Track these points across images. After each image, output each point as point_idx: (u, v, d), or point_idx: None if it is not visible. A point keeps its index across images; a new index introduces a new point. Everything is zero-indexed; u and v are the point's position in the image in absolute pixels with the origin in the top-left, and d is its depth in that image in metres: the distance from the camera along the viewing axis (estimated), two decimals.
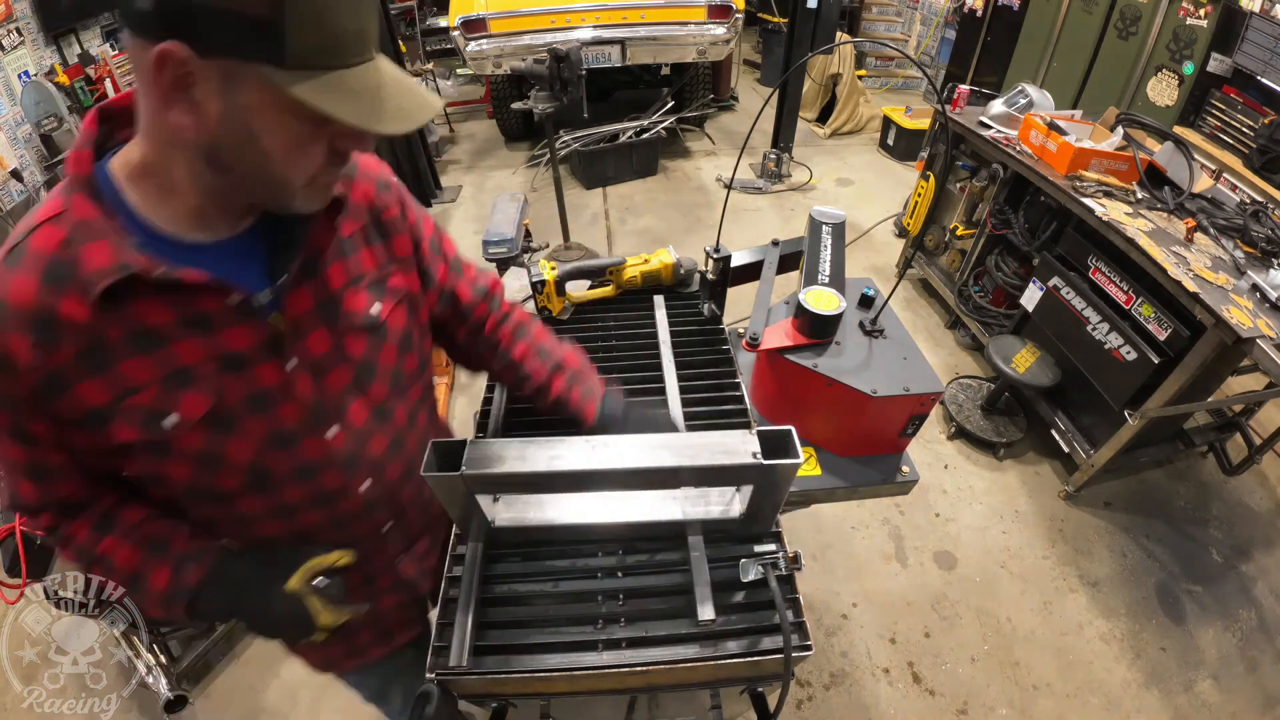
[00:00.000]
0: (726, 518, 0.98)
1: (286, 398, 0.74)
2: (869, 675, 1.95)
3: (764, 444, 0.81)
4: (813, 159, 4.93)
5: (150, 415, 0.66)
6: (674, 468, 0.81)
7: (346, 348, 0.79)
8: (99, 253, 0.60)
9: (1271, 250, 2.03)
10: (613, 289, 1.52)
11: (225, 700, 1.91)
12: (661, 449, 0.82)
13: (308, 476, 0.80)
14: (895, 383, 1.15)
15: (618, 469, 0.82)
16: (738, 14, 4.36)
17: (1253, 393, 2.21)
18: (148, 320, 0.64)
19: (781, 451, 0.80)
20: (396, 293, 0.85)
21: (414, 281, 0.89)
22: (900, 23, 6.62)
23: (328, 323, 0.76)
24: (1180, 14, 3.38)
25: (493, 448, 0.82)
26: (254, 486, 0.77)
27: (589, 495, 1.00)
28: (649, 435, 0.86)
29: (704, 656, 0.87)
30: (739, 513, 0.97)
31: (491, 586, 0.96)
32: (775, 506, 0.94)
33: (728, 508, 0.98)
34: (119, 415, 0.65)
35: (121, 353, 0.64)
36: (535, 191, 4.67)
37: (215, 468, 0.73)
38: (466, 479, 0.79)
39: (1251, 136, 3.14)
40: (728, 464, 0.81)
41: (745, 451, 0.80)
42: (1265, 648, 2.03)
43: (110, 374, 0.64)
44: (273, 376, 0.72)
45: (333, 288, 0.76)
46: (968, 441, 2.69)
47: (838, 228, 1.42)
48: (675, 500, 0.99)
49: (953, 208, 3.22)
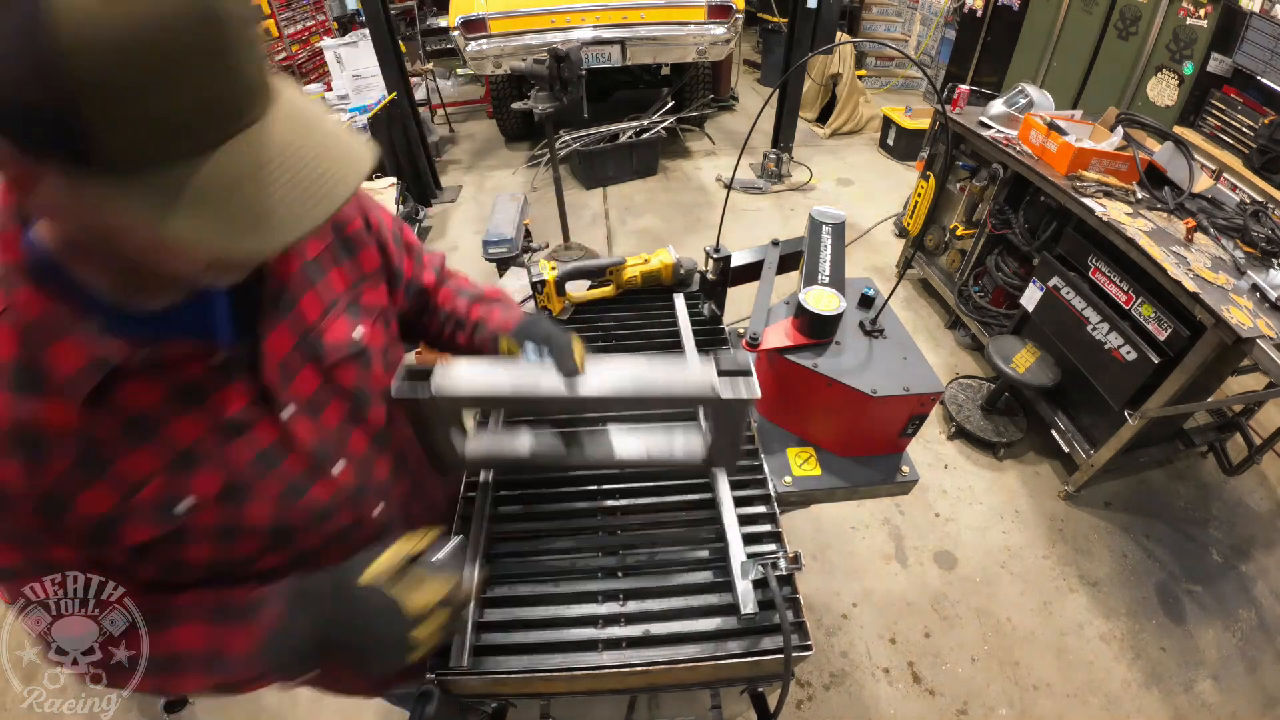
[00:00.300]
0: (690, 457, 1.01)
1: (289, 449, 0.68)
2: (869, 675, 1.95)
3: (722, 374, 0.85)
4: (813, 159, 4.94)
5: (163, 504, 0.59)
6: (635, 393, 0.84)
7: (337, 379, 0.73)
8: (69, 352, 0.51)
9: (1271, 250, 2.03)
10: (613, 289, 1.52)
11: (225, 700, 1.91)
12: (626, 378, 0.85)
13: (324, 519, 0.75)
14: (895, 383, 1.15)
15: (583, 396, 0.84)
16: (738, 14, 4.36)
17: (1253, 393, 2.21)
18: (138, 406, 0.56)
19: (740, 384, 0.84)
20: (372, 310, 0.79)
21: (384, 295, 0.84)
22: (900, 23, 6.62)
23: (313, 359, 0.70)
24: (1180, 14, 3.38)
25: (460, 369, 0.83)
26: (274, 545, 0.71)
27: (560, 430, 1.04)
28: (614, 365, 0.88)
29: (704, 656, 0.87)
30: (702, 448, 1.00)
31: (492, 586, 0.96)
32: (737, 443, 0.98)
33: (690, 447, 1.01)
34: (129, 517, 0.58)
35: (117, 450, 0.56)
36: (535, 191, 4.67)
37: (236, 538, 0.67)
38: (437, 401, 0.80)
39: (1251, 136, 3.14)
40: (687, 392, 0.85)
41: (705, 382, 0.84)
42: (1265, 648, 2.03)
43: (110, 476, 0.56)
44: (271, 432, 0.66)
45: (310, 320, 0.69)
46: (968, 441, 2.69)
47: (838, 228, 1.42)
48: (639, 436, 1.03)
49: (953, 208, 3.22)
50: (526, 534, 1.04)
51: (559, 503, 1.09)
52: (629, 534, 1.04)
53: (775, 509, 1.08)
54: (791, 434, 1.31)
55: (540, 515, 1.07)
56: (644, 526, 1.05)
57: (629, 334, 1.43)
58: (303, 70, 5.76)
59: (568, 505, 1.08)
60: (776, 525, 1.05)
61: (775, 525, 1.05)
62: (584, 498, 1.09)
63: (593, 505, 1.08)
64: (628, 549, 1.01)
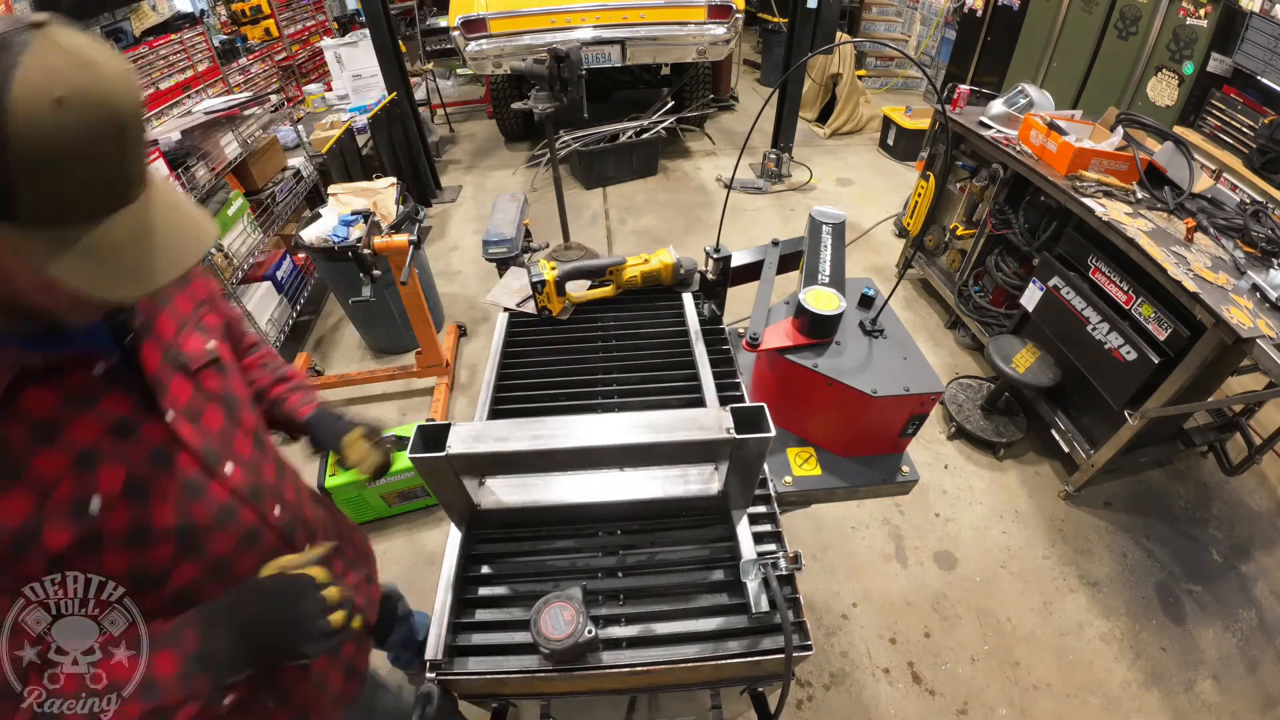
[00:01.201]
0: (705, 495, 1.01)
1: (179, 448, 0.75)
2: (869, 675, 1.95)
3: (737, 420, 0.84)
4: (813, 159, 4.94)
5: (75, 507, 0.64)
6: (652, 443, 0.84)
7: (205, 385, 0.82)
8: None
9: (1271, 250, 2.03)
10: (613, 289, 1.52)
11: None
12: (641, 426, 0.86)
13: (227, 519, 0.80)
14: (895, 383, 1.15)
15: (598, 445, 0.85)
16: (738, 14, 4.36)
17: (1253, 393, 2.21)
18: (41, 411, 0.63)
19: (754, 427, 0.82)
20: (215, 329, 0.90)
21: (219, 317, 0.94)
22: (900, 23, 6.62)
23: (180, 369, 0.79)
24: (1180, 14, 3.38)
25: (476, 429, 0.85)
26: (186, 550, 0.75)
27: (573, 476, 1.04)
28: (630, 414, 0.90)
29: (704, 656, 0.87)
30: (717, 490, 1.00)
31: (492, 586, 0.96)
32: (751, 483, 0.97)
33: (706, 486, 1.02)
34: (47, 521, 0.62)
35: (29, 453, 0.62)
36: (535, 191, 4.67)
37: (147, 542, 0.71)
38: (451, 459, 0.82)
39: (1251, 136, 3.14)
40: (702, 439, 0.84)
41: (719, 427, 0.83)
42: (1265, 648, 2.03)
43: (26, 478, 0.62)
44: (159, 433, 0.73)
45: (167, 337, 0.79)
46: (968, 441, 2.69)
47: (838, 228, 1.42)
48: (657, 480, 1.03)
49: (953, 208, 3.22)
50: (526, 534, 1.04)
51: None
52: (629, 534, 1.04)
53: (775, 509, 1.08)
54: (791, 434, 1.31)
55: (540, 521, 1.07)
56: (644, 529, 1.05)
57: (629, 334, 1.43)
58: (303, 70, 5.76)
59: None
60: (776, 525, 1.05)
61: (775, 525, 1.05)
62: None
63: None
64: (628, 549, 1.01)
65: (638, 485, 1.03)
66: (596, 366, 1.34)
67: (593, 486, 1.03)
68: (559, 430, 0.86)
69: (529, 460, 0.90)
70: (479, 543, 1.03)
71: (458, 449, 0.82)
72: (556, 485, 1.04)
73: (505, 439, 0.85)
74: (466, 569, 0.99)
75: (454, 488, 0.91)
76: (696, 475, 1.04)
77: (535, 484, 1.04)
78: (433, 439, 0.82)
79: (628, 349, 1.39)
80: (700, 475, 1.04)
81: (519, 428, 0.87)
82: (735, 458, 0.87)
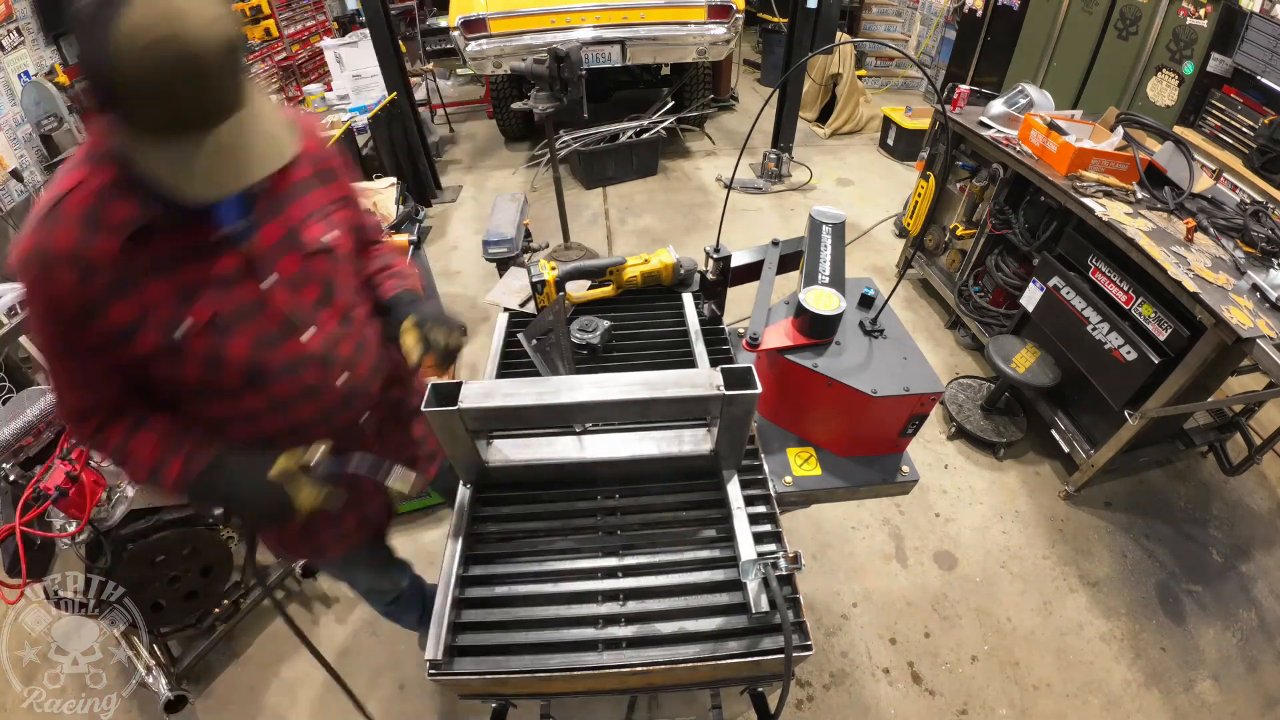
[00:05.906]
0: (699, 454, 1.08)
1: (266, 308, 0.92)
2: (869, 675, 1.95)
3: (727, 378, 0.91)
4: (813, 159, 4.93)
5: (167, 325, 0.84)
6: (648, 399, 0.92)
7: (312, 266, 0.98)
8: (123, 207, 0.78)
9: (1271, 250, 2.03)
10: (613, 289, 1.52)
11: (225, 700, 1.91)
12: (638, 383, 0.93)
13: (292, 372, 0.97)
14: (895, 383, 1.15)
15: (599, 400, 0.92)
16: (738, 14, 4.36)
17: (1253, 393, 2.21)
18: (163, 251, 0.83)
19: (742, 384, 0.90)
20: (342, 223, 1.04)
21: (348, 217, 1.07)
22: (900, 23, 6.62)
23: (295, 248, 0.95)
24: (1180, 14, 3.38)
25: (485, 386, 0.94)
26: (251, 383, 0.94)
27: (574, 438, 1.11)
28: (625, 374, 0.97)
29: (704, 657, 0.87)
30: (709, 449, 1.07)
31: (493, 586, 0.96)
32: (741, 441, 1.04)
33: (699, 446, 1.09)
34: (143, 328, 0.83)
35: (147, 277, 0.82)
36: (535, 191, 4.67)
37: (219, 367, 0.91)
38: (463, 414, 0.89)
39: (1251, 136, 3.14)
40: (694, 395, 0.92)
41: (710, 385, 0.91)
42: (1265, 648, 2.03)
43: (137, 295, 0.82)
44: (252, 293, 0.91)
45: (294, 221, 0.95)
46: (968, 441, 2.69)
47: (838, 228, 1.42)
48: (654, 441, 1.10)
49: (953, 208, 3.22)
50: (525, 534, 1.04)
51: (559, 502, 1.09)
52: (629, 534, 1.04)
53: (775, 509, 1.08)
54: (791, 434, 1.31)
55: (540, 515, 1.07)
56: (645, 526, 1.05)
57: (629, 334, 1.43)
58: (303, 70, 5.76)
59: (568, 505, 1.09)
60: (776, 525, 1.05)
61: (775, 525, 1.05)
62: (585, 498, 1.10)
63: (593, 505, 1.08)
64: (628, 549, 1.01)
65: (637, 445, 1.09)
66: (596, 366, 1.34)
67: (593, 446, 1.10)
68: (562, 388, 0.93)
69: (534, 414, 0.96)
70: (484, 505, 1.08)
71: (469, 404, 0.89)
72: (560, 444, 1.10)
73: (512, 395, 0.92)
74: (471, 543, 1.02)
75: (464, 443, 0.97)
76: (690, 437, 1.10)
77: (539, 444, 1.11)
78: (445, 395, 0.90)
79: (628, 349, 1.39)
80: (694, 437, 1.10)
81: (525, 385, 0.95)
82: (725, 414, 0.94)
